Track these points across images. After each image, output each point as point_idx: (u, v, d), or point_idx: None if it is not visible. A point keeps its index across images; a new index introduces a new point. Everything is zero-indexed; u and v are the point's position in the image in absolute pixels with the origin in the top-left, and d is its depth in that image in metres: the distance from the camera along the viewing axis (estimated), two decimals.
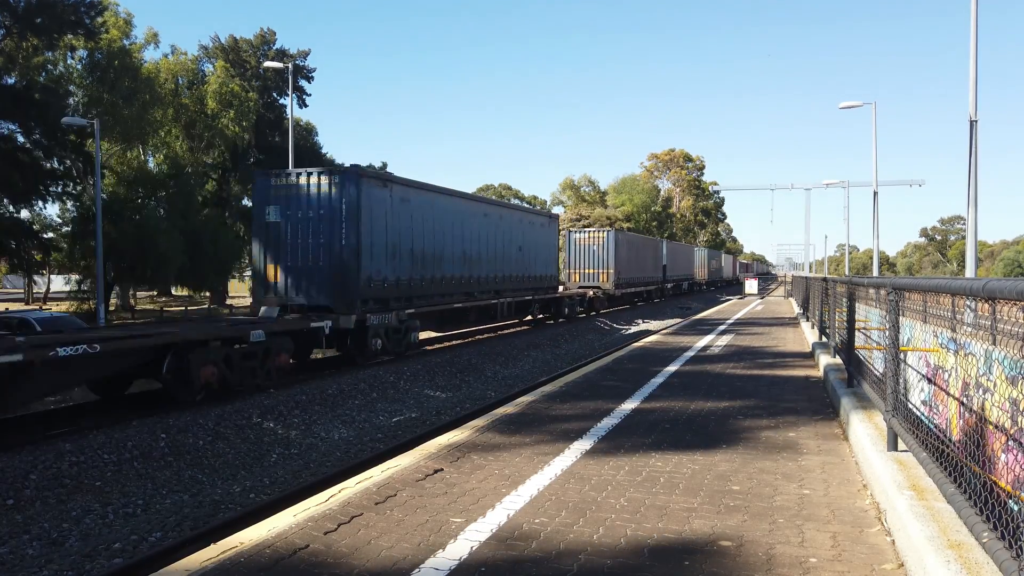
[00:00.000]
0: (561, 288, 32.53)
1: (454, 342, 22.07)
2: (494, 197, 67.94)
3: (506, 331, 24.46)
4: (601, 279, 35.17)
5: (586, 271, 35.70)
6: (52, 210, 47.14)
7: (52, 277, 51.36)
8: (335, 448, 10.63)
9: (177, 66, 40.69)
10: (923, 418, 5.56)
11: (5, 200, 28.97)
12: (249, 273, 26.23)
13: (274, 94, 48.46)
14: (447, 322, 21.35)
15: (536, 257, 26.73)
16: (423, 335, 20.16)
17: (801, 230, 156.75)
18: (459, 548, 4.17)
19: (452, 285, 20.08)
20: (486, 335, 23.67)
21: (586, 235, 36.47)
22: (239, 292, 54.36)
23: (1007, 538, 2.74)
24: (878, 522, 4.56)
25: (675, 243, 55.97)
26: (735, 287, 77.55)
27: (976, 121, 16.14)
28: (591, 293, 33.45)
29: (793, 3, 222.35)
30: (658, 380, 10.67)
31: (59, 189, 31.76)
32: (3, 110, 26.33)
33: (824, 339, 14.14)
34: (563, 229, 39.07)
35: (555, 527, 4.52)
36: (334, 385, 13.98)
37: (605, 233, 36.39)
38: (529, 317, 27.25)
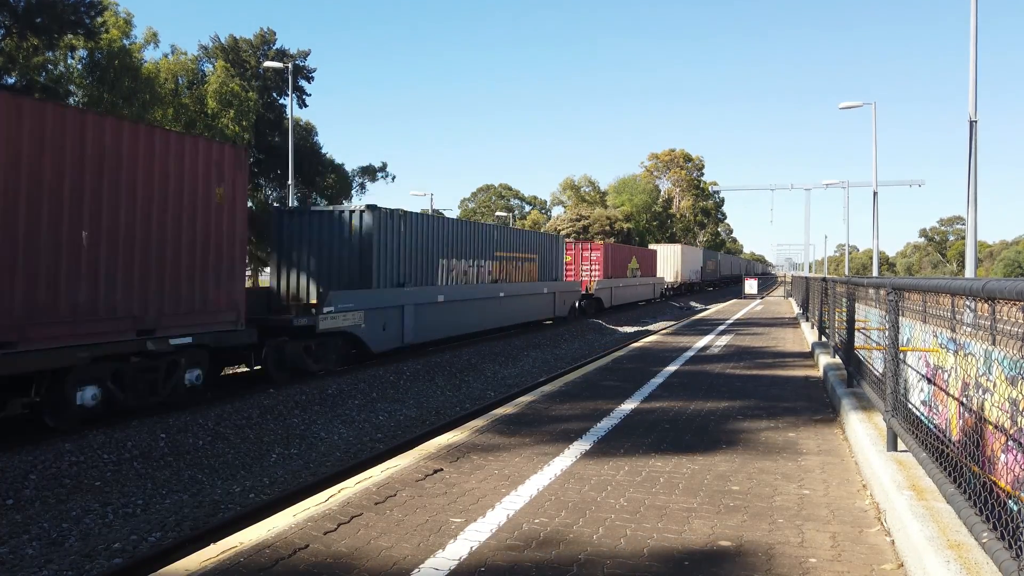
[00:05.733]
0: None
1: (454, 342, 22.20)
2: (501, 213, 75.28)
3: (507, 331, 24.63)
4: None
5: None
6: None
7: None
8: (335, 448, 10.62)
9: (177, 66, 40.66)
10: (923, 418, 5.56)
11: None
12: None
13: (274, 94, 48.41)
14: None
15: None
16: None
17: (801, 230, 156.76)
18: (459, 548, 4.17)
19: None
20: (491, 336, 23.89)
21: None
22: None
23: (1007, 538, 2.74)
24: (878, 522, 4.56)
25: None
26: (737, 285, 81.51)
27: (976, 122, 16.15)
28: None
29: (793, 3, 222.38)
30: (658, 380, 10.67)
31: None
32: None
33: (824, 339, 14.14)
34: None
35: (555, 527, 4.52)
36: (334, 385, 13.98)
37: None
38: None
